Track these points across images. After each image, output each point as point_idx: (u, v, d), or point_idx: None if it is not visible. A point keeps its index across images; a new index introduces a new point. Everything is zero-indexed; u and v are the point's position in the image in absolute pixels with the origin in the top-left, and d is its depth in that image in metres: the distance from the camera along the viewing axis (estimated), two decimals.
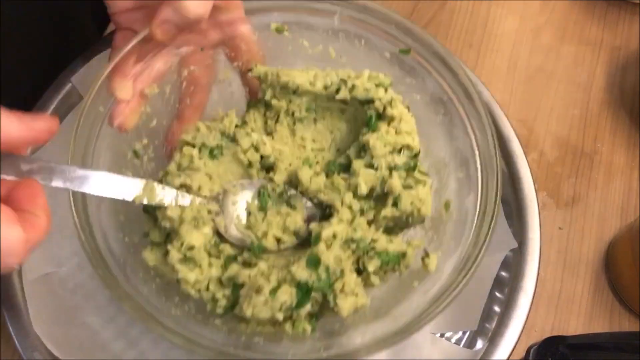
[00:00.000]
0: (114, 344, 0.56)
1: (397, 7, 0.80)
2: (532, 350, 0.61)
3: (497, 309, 0.60)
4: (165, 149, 0.56)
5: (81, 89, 0.66)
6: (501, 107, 0.68)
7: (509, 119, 0.68)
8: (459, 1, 0.82)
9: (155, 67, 0.53)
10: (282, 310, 0.46)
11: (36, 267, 0.58)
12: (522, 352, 0.62)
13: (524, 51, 0.80)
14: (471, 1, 0.82)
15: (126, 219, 0.52)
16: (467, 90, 0.53)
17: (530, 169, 0.65)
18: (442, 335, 0.59)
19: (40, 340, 0.55)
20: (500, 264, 0.60)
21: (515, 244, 0.61)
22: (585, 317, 0.65)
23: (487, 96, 0.69)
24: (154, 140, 0.55)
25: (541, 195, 0.70)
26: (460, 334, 0.60)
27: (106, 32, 0.75)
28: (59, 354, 0.55)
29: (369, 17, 0.56)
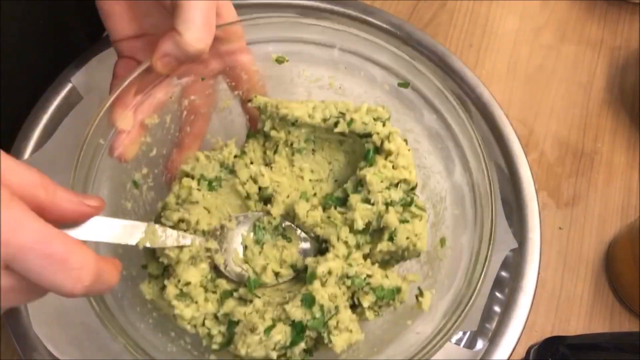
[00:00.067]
0: (113, 344, 0.55)
1: (397, 8, 0.80)
2: (532, 350, 0.61)
3: (497, 309, 0.60)
4: (165, 177, 0.56)
5: (81, 89, 0.66)
6: (501, 107, 0.68)
7: (509, 119, 0.68)
8: (459, 1, 0.82)
9: (156, 97, 0.53)
10: (276, 349, 0.46)
11: None
12: (522, 352, 0.62)
13: (524, 51, 0.80)
14: (471, 1, 0.82)
15: (125, 252, 0.51)
16: (465, 125, 0.54)
17: (530, 169, 0.65)
18: None
19: (39, 340, 0.55)
20: (500, 264, 0.60)
21: (515, 244, 0.61)
22: (585, 317, 0.65)
23: (487, 96, 0.69)
24: (153, 169, 0.55)
25: (541, 195, 0.70)
26: (460, 334, 0.60)
27: (105, 32, 0.75)
28: (58, 354, 0.55)
29: (367, 51, 0.56)
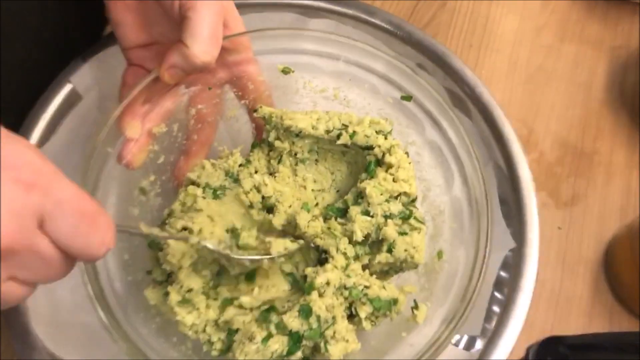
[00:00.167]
0: (114, 344, 0.56)
1: (397, 8, 0.80)
2: (531, 350, 0.61)
3: (496, 309, 0.60)
4: (172, 184, 0.57)
5: (80, 89, 0.66)
6: (501, 107, 0.68)
7: (508, 119, 0.68)
8: (459, 1, 0.82)
9: (164, 106, 0.54)
10: (273, 358, 0.47)
11: None
12: (521, 352, 0.62)
13: (524, 51, 0.80)
14: (471, 1, 0.82)
15: (131, 257, 0.53)
16: (465, 142, 0.54)
17: (529, 168, 0.65)
18: None
19: (39, 340, 0.55)
20: (499, 264, 0.60)
21: (513, 244, 0.61)
22: (584, 317, 0.65)
23: (486, 96, 0.68)
24: (160, 176, 0.57)
25: (540, 195, 0.70)
26: (459, 335, 0.60)
27: (106, 32, 0.75)
28: (58, 354, 0.55)
29: (372, 63, 0.57)
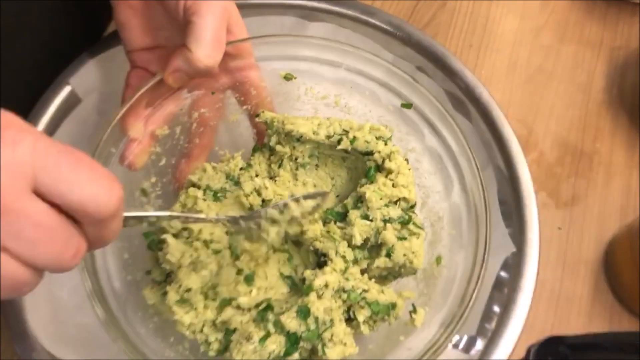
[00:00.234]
0: (112, 344, 0.56)
1: (396, 8, 0.80)
2: (531, 350, 0.61)
3: (496, 309, 0.60)
4: (172, 186, 0.58)
5: (79, 91, 0.66)
6: (501, 108, 0.68)
7: (508, 119, 0.68)
8: (459, 1, 0.82)
9: (167, 109, 0.55)
10: (270, 359, 0.47)
11: None
12: (521, 352, 0.62)
13: (524, 51, 0.80)
14: (471, 1, 0.82)
15: (130, 257, 0.53)
16: (464, 148, 0.54)
17: (529, 169, 0.65)
18: None
19: (39, 340, 0.55)
20: (499, 266, 0.60)
21: (513, 248, 0.61)
22: (585, 317, 0.65)
23: (486, 96, 0.69)
24: (162, 178, 0.57)
25: (540, 195, 0.70)
26: (458, 336, 0.60)
27: (106, 33, 0.75)
28: (58, 354, 0.55)
29: (372, 71, 0.58)
